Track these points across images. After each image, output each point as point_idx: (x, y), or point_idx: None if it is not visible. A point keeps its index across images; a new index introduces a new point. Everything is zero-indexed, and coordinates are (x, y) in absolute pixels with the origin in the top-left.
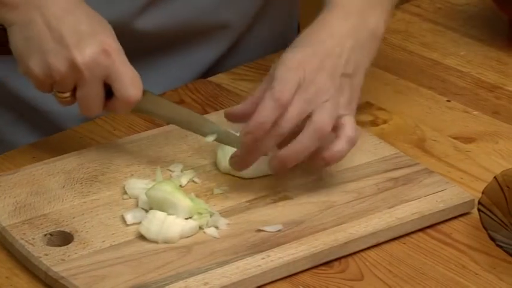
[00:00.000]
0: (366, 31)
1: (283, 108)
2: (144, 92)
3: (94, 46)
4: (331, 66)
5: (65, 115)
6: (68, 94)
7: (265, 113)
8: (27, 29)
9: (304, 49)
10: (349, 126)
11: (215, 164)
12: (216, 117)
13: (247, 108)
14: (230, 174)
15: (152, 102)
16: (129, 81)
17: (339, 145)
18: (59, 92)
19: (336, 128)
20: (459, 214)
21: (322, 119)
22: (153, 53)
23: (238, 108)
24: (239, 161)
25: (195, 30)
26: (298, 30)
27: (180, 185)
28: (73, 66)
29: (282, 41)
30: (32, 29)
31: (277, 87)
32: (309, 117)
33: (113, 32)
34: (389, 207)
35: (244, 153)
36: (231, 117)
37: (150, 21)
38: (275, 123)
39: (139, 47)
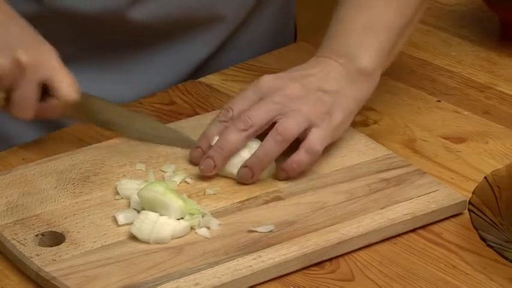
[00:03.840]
0: (353, 68)
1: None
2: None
3: (37, 47)
4: (307, 80)
5: None
6: (1, 96)
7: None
8: None
9: (280, 74)
10: (312, 137)
11: None
12: (208, 119)
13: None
14: (223, 176)
15: (91, 104)
16: (68, 82)
17: (297, 155)
18: None
19: (301, 139)
20: (451, 215)
21: (286, 123)
22: (146, 45)
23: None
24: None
25: (189, 22)
26: (295, 29)
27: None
28: (17, 65)
29: (278, 39)
30: None
31: (225, 105)
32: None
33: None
34: (381, 208)
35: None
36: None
37: (143, 12)
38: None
39: (132, 39)
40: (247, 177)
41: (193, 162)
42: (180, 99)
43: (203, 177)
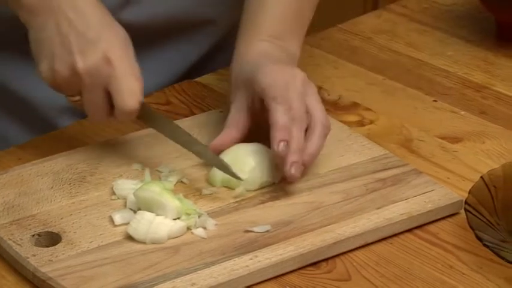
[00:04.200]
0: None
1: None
2: (145, 106)
3: (97, 53)
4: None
5: (52, 106)
6: (77, 98)
7: (282, 117)
8: (41, 32)
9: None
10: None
11: (204, 166)
12: (205, 118)
13: (232, 129)
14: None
15: (150, 116)
16: (127, 92)
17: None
18: (67, 95)
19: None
20: (447, 215)
21: (325, 116)
22: (139, 46)
23: (223, 138)
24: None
25: (181, 24)
26: None
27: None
28: (75, 72)
29: None
30: (44, 33)
31: (277, 93)
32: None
33: (124, 38)
34: (378, 208)
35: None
36: (222, 148)
37: (135, 14)
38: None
39: None
40: (298, 175)
41: (282, 156)
42: (176, 99)
43: (199, 178)
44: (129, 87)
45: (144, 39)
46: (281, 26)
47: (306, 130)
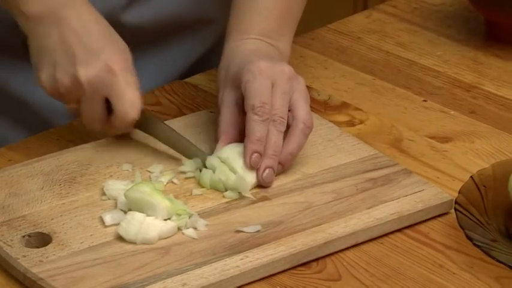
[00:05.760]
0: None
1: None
2: (145, 114)
3: (99, 64)
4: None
5: (52, 109)
6: (74, 105)
7: (258, 128)
8: (43, 40)
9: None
10: (305, 115)
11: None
12: (195, 119)
13: (228, 131)
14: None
15: (151, 124)
16: (128, 102)
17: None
18: (65, 103)
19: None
20: (437, 214)
21: (308, 114)
22: (137, 48)
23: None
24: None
25: (180, 25)
26: None
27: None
28: (77, 82)
29: None
30: (47, 41)
31: (256, 102)
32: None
33: (125, 50)
34: (368, 208)
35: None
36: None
37: (137, 15)
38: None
39: (128, 42)
40: (270, 180)
41: (254, 167)
42: (166, 99)
43: (190, 178)
44: (130, 96)
45: (143, 40)
46: (270, 25)
47: (288, 128)
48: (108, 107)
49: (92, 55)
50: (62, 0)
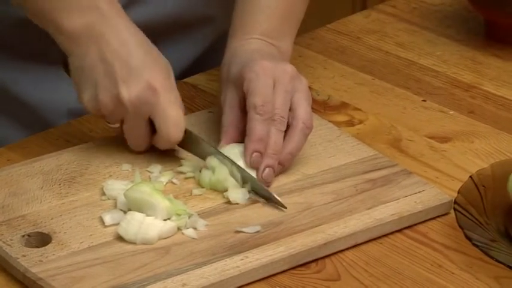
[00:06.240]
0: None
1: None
2: (187, 132)
3: (141, 83)
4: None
5: (52, 109)
6: (117, 125)
7: (259, 127)
8: (83, 60)
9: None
10: (305, 115)
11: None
12: (194, 119)
13: (230, 131)
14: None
15: (193, 142)
16: (172, 122)
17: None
18: (108, 122)
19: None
20: (437, 215)
21: (308, 114)
22: None
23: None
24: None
25: (180, 23)
26: None
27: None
28: (119, 102)
29: None
30: (87, 61)
31: (257, 101)
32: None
33: (167, 66)
34: (368, 209)
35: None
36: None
37: (138, 14)
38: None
39: None
40: (270, 179)
41: (254, 166)
42: None
43: (190, 178)
44: (174, 116)
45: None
46: (272, 24)
47: (288, 127)
48: (152, 125)
49: (133, 74)
50: (100, 13)
